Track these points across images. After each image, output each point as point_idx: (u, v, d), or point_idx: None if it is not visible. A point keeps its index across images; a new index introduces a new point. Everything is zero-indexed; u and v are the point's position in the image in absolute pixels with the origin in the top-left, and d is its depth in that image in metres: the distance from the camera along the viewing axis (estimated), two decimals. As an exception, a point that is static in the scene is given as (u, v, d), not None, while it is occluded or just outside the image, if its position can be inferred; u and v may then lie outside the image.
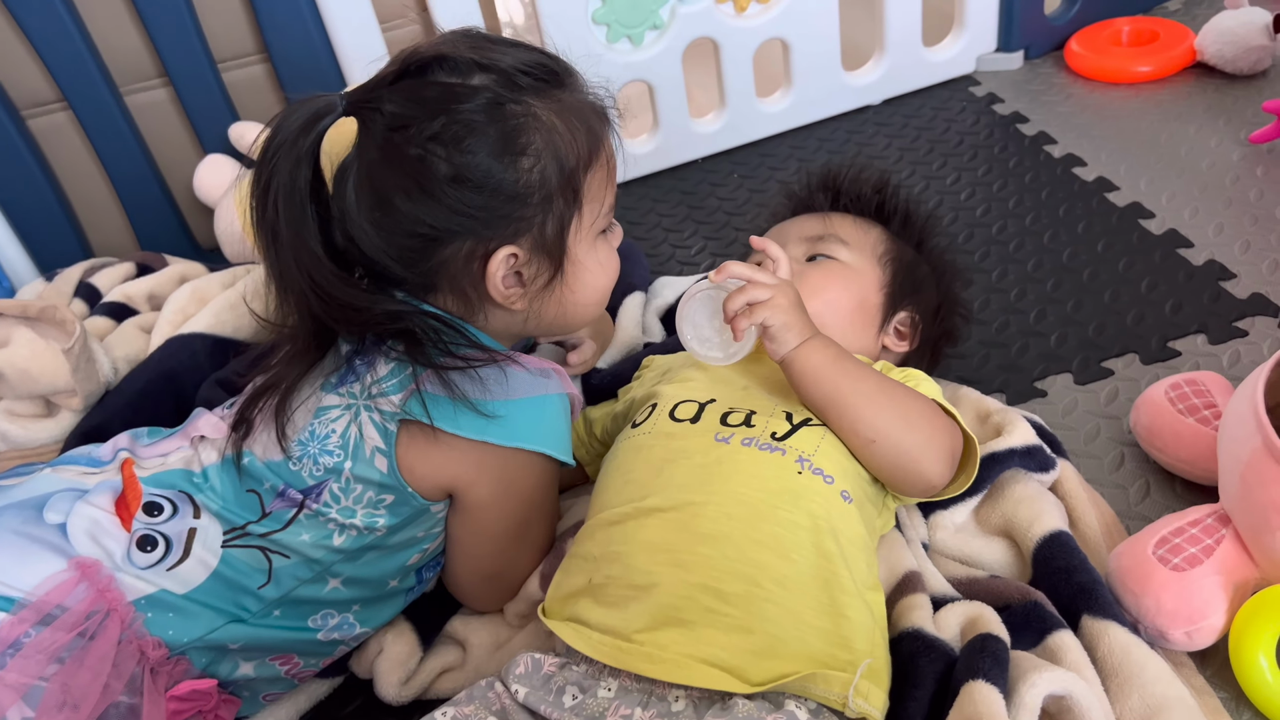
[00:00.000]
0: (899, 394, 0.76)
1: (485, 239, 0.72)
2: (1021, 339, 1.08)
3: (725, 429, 0.76)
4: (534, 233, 0.72)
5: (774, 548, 0.69)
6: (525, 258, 0.73)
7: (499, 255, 0.72)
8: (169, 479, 0.76)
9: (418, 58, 0.72)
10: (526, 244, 0.73)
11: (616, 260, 0.80)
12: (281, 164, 0.70)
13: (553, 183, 0.72)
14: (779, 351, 0.76)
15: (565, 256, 0.74)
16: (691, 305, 0.78)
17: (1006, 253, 1.21)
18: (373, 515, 0.74)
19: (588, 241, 0.76)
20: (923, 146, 1.44)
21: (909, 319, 0.92)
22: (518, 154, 0.70)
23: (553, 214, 0.73)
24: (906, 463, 0.75)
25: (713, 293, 0.77)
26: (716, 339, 0.78)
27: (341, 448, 0.73)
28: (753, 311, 0.75)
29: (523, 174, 0.71)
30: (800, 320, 0.76)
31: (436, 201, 0.70)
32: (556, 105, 0.72)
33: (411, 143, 0.69)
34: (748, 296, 0.75)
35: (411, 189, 0.70)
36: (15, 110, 1.25)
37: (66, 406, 0.98)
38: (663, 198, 1.44)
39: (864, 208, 0.96)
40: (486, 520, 0.78)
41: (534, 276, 0.74)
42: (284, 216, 0.70)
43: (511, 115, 0.70)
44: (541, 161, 0.71)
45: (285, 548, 0.74)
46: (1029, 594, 0.76)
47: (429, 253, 0.72)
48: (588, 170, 0.74)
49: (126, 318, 1.10)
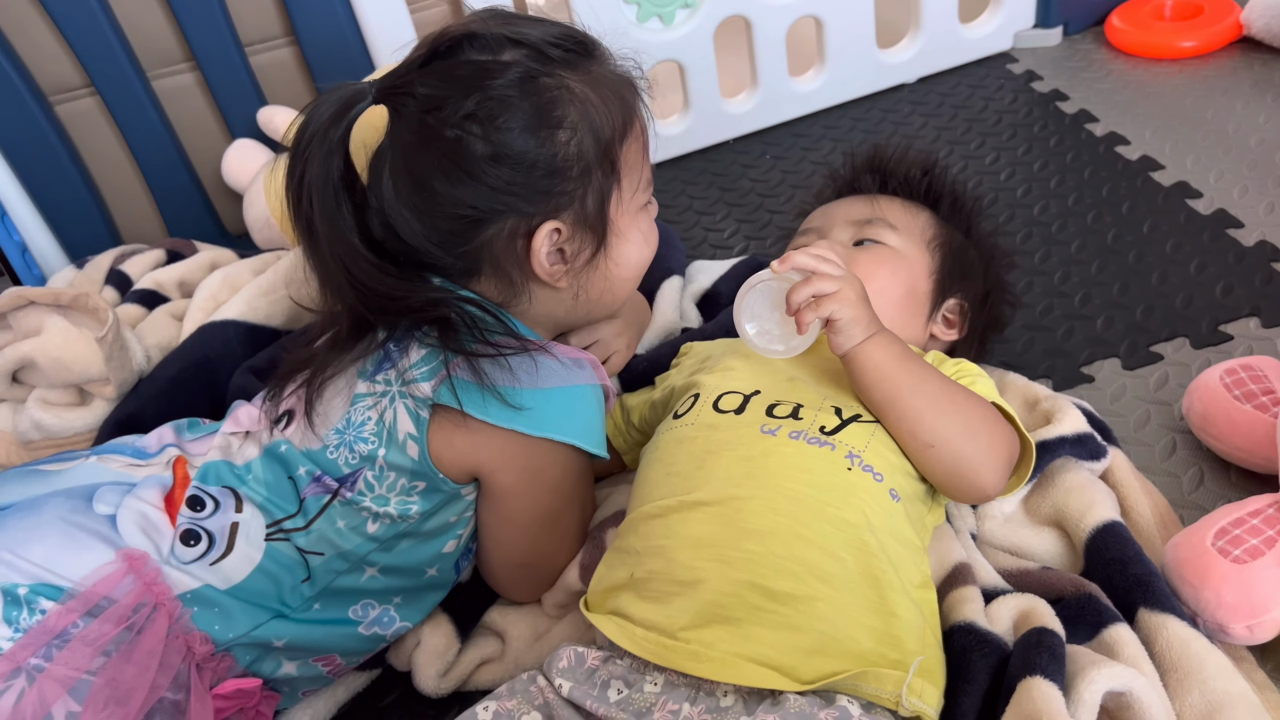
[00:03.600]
0: (961, 397, 0.74)
1: (528, 216, 0.71)
2: (1067, 323, 1.06)
3: (771, 421, 0.74)
4: (575, 207, 0.72)
5: (822, 545, 0.67)
6: (568, 233, 0.73)
7: (542, 231, 0.72)
8: (213, 472, 0.76)
9: (447, 38, 0.72)
10: (569, 219, 0.72)
11: (656, 233, 0.80)
12: (314, 156, 0.69)
13: (590, 155, 0.72)
14: (843, 346, 0.73)
15: (608, 229, 0.74)
16: (751, 296, 0.76)
17: (1049, 234, 1.18)
18: (406, 503, 0.73)
19: (629, 214, 0.76)
20: (960, 125, 1.41)
21: (958, 306, 0.89)
22: (554, 127, 0.70)
23: (592, 187, 0.73)
24: (964, 470, 0.73)
25: (775, 284, 0.75)
26: (778, 331, 0.75)
27: (376, 435, 0.72)
28: (819, 304, 0.72)
29: (560, 147, 0.71)
30: (867, 314, 0.73)
31: (477, 181, 0.70)
32: (588, 77, 0.72)
33: (446, 124, 0.69)
34: (814, 289, 0.72)
35: (450, 170, 0.69)
36: (43, 96, 1.24)
37: (100, 395, 0.97)
38: (694, 180, 1.42)
39: (912, 190, 0.93)
40: (513, 508, 0.77)
41: (577, 252, 0.74)
42: (319, 209, 0.69)
43: (545, 89, 0.70)
44: (578, 134, 0.71)
45: (321, 540, 0.74)
46: (1083, 586, 0.74)
47: (471, 235, 0.71)
48: (623, 141, 0.74)
49: (158, 305, 1.09)
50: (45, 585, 0.69)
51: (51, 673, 0.67)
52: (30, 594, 0.69)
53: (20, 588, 0.69)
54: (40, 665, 0.67)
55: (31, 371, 0.97)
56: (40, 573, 0.69)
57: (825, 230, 0.90)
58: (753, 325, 0.76)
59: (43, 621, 0.68)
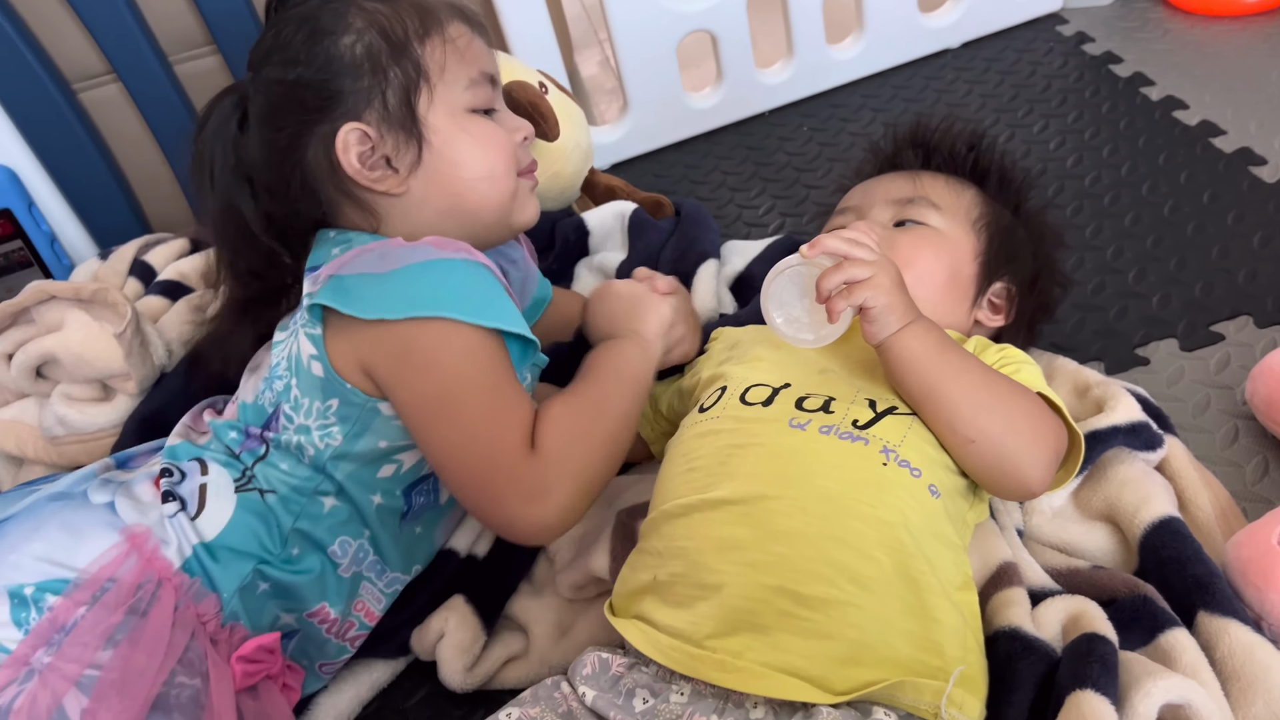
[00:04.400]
0: (1004, 389, 0.70)
1: (330, 120, 0.75)
2: (1120, 301, 1.00)
3: (801, 414, 0.70)
4: (378, 105, 0.75)
5: (855, 546, 0.64)
6: (378, 134, 0.76)
7: (343, 131, 0.75)
8: (182, 450, 0.79)
9: None
10: (373, 119, 0.76)
11: (500, 139, 0.80)
12: (206, 150, 0.79)
13: (383, 53, 0.75)
14: (878, 335, 0.69)
15: (421, 127, 0.76)
16: (779, 282, 0.72)
17: (1101, 207, 1.12)
18: (326, 426, 0.74)
19: (447, 114, 0.77)
20: (1006, 92, 1.34)
21: (1004, 290, 0.85)
22: (338, 34, 0.76)
23: (391, 84, 0.76)
24: (1007, 466, 0.68)
25: (804, 269, 0.71)
26: (807, 319, 0.71)
27: (287, 369, 0.76)
28: (851, 291, 0.68)
29: (345, 49, 0.75)
30: (903, 302, 0.69)
31: (279, 101, 0.77)
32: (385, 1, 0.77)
33: (258, 70, 0.78)
34: (845, 275, 0.68)
35: (263, 105, 0.77)
36: (67, 84, 1.23)
37: (122, 390, 0.96)
38: (727, 154, 1.37)
39: (958, 166, 0.88)
40: (401, 407, 0.73)
41: (399, 154, 0.76)
42: (218, 193, 0.79)
43: (329, 11, 0.77)
44: (365, 37, 0.76)
45: (271, 480, 0.76)
46: (1137, 587, 0.70)
47: (294, 162, 0.77)
48: (424, 40, 0.77)
49: (181, 296, 1.08)
50: (51, 581, 0.69)
51: (58, 667, 0.66)
52: (36, 592, 0.69)
53: (26, 587, 0.69)
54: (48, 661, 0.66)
55: (54, 367, 0.96)
56: (46, 568, 0.69)
57: (864, 209, 0.86)
58: (780, 313, 0.72)
59: (48, 616, 0.68)
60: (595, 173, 1.18)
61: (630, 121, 1.38)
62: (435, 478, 0.80)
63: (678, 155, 1.39)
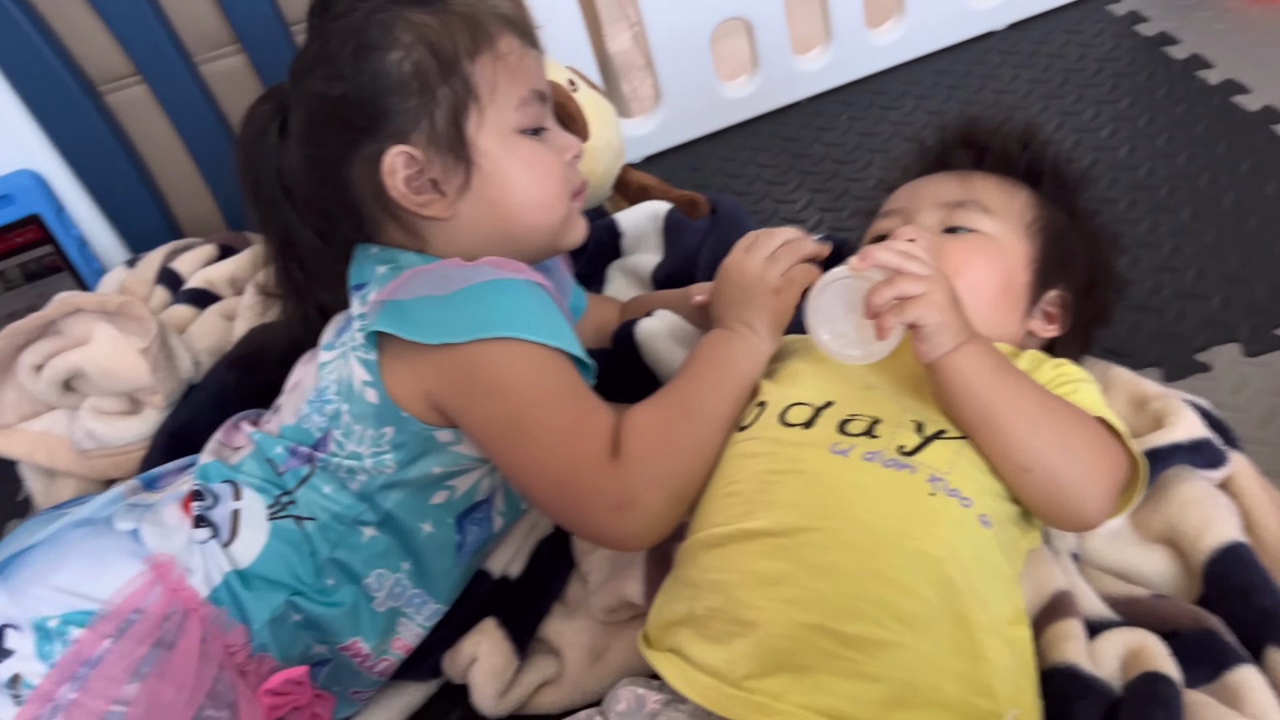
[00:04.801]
0: (1063, 415, 0.66)
1: (376, 140, 0.73)
2: (1178, 303, 0.96)
3: (843, 439, 0.67)
4: (425, 126, 0.73)
5: (901, 582, 0.61)
6: (425, 157, 0.73)
7: (389, 154, 0.72)
8: (213, 470, 0.76)
9: (312, 4, 0.77)
10: (421, 141, 0.73)
11: (551, 163, 0.77)
12: (246, 158, 0.78)
13: (431, 71, 0.72)
14: (929, 355, 0.66)
15: (470, 150, 0.73)
16: (826, 296, 0.68)
17: (1156, 200, 1.07)
18: (379, 454, 0.72)
19: (497, 135, 0.74)
20: (1055, 77, 1.29)
21: (1059, 299, 0.80)
22: (385, 49, 0.72)
23: (440, 104, 0.72)
24: (1064, 498, 0.65)
25: (852, 282, 0.67)
26: (854, 335, 0.68)
27: (338, 393, 0.73)
28: (904, 308, 0.65)
29: (392, 66, 0.72)
30: (958, 320, 0.66)
31: (321, 118, 0.74)
32: (434, 10, 0.74)
33: (302, 82, 0.75)
34: (897, 290, 0.65)
35: (304, 119, 0.75)
36: (92, 86, 1.21)
37: (150, 404, 0.95)
38: (763, 145, 1.33)
39: (1011, 167, 0.84)
40: (475, 432, 0.71)
41: (447, 178, 0.73)
42: (262, 202, 0.78)
43: (376, 23, 0.73)
44: (413, 53, 0.72)
45: (311, 506, 0.73)
46: (1201, 619, 0.67)
47: (336, 181, 0.75)
48: (474, 58, 0.73)
49: (210, 304, 1.06)
50: (76, 613, 0.68)
51: (83, 703, 0.65)
52: (61, 624, 0.68)
53: (51, 620, 0.68)
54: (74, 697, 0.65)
55: (82, 380, 0.95)
56: (70, 600, 0.68)
57: (911, 212, 0.82)
58: (827, 328, 0.69)
59: (73, 650, 0.67)
60: (628, 170, 1.15)
61: (663, 113, 1.34)
62: (488, 504, 0.78)
63: (712, 147, 1.35)
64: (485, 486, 0.77)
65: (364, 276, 0.75)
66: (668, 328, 0.90)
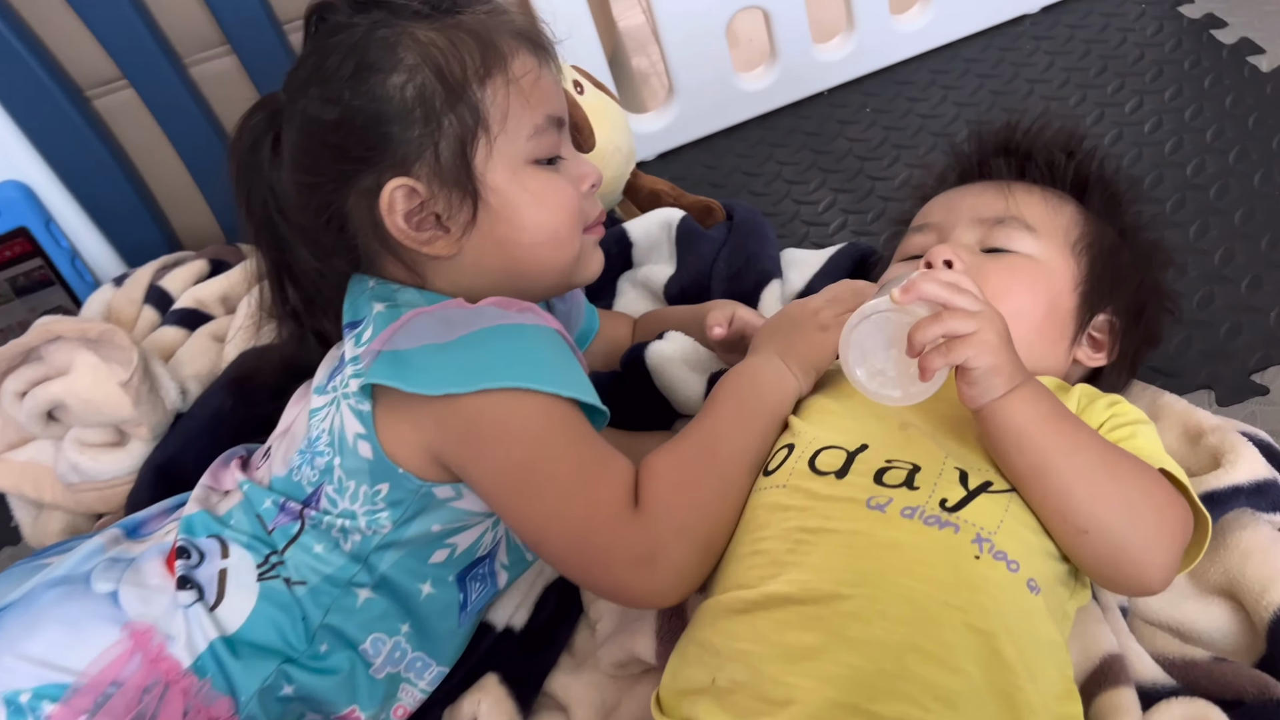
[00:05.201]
0: (1124, 469, 0.60)
1: (375, 171, 0.67)
2: (1231, 316, 0.89)
3: (880, 491, 0.61)
4: (429, 158, 0.67)
5: (942, 658, 0.55)
6: (428, 191, 0.67)
7: (389, 188, 0.67)
8: (199, 523, 0.71)
9: (307, 16, 0.71)
10: (424, 173, 0.67)
11: (566, 196, 0.71)
12: (243, 178, 0.72)
13: (437, 97, 0.66)
14: (977, 400, 0.60)
15: (477, 183, 0.67)
16: (863, 329, 0.61)
17: (1206, 201, 1.00)
18: (373, 513, 0.67)
19: (508, 168, 0.69)
20: (1093, 65, 1.21)
21: (1107, 324, 0.74)
22: (386, 71, 0.67)
23: (445, 134, 0.67)
24: (1124, 562, 0.59)
25: (894, 316, 0.60)
26: (893, 373, 0.61)
27: (330, 445, 0.67)
28: (951, 348, 0.58)
29: (394, 91, 0.66)
30: (1010, 362, 0.59)
31: (315, 144, 0.68)
32: (441, 26, 0.69)
33: (296, 100, 0.69)
34: (945, 328, 0.58)
35: (298, 141, 0.69)
36: (78, 91, 1.16)
37: (135, 435, 0.90)
38: (782, 141, 1.26)
39: (1056, 177, 0.77)
40: (482, 487, 0.66)
41: (452, 214, 0.68)
42: (259, 225, 0.73)
43: (378, 40, 0.67)
44: (417, 77, 0.67)
45: (302, 568, 0.68)
46: (1268, 687, 0.61)
47: (330, 212, 0.69)
48: (484, 82, 0.67)
49: (200, 325, 1.01)
50: (49, 685, 0.63)
51: None
52: (33, 699, 0.63)
53: (23, 694, 0.63)
54: None
55: (64, 411, 0.91)
56: (43, 671, 0.64)
57: (947, 228, 0.75)
58: (863, 366, 0.62)
59: None
60: (638, 175, 1.09)
61: (676, 108, 1.28)
62: (491, 559, 0.73)
63: (728, 143, 1.28)
64: (487, 541, 0.72)
65: (358, 313, 0.70)
66: (680, 351, 0.85)
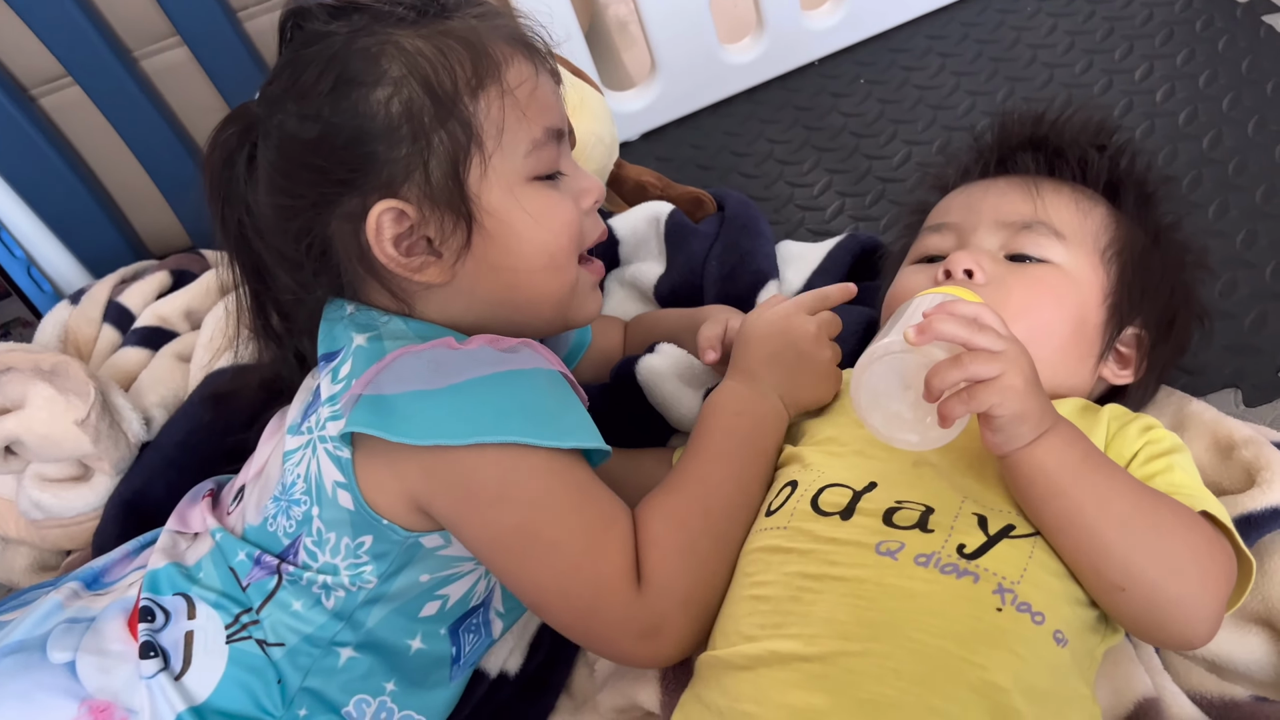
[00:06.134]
0: (1162, 516, 0.55)
1: (359, 193, 0.62)
2: (1256, 304, 0.83)
3: (891, 534, 0.57)
4: (418, 178, 0.62)
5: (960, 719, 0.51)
6: (418, 214, 0.62)
7: (375, 211, 0.62)
8: (164, 578, 0.66)
9: (281, 23, 0.66)
10: (413, 194, 0.62)
11: (566, 214, 0.66)
12: (216, 194, 0.67)
13: (426, 112, 0.61)
14: (1003, 447, 0.55)
15: (471, 205, 0.62)
16: (875, 371, 0.56)
17: (1224, 177, 0.94)
18: (357, 567, 0.63)
19: (504, 188, 0.63)
20: (1098, 27, 1.14)
21: (1135, 339, 0.69)
22: (369, 85, 0.61)
23: (435, 152, 0.62)
24: (1166, 619, 0.54)
25: (909, 358, 0.55)
26: (910, 416, 0.56)
27: (307, 493, 0.63)
28: (973, 394, 0.53)
29: (378, 106, 0.61)
30: (1038, 406, 0.54)
31: (292, 164, 0.63)
32: (429, 32, 0.63)
33: (272, 115, 0.64)
34: (965, 373, 0.53)
35: (274, 161, 0.64)
36: (22, 90, 1.09)
37: (98, 469, 0.85)
38: (772, 117, 1.20)
39: (1089, 177, 0.71)
40: (475, 544, 0.62)
41: (444, 237, 0.63)
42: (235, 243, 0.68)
43: (359, 50, 0.62)
44: (403, 90, 0.61)
45: (280, 629, 0.64)
46: (1314, 731, 0.57)
47: (311, 237, 0.64)
48: (477, 95, 0.62)
49: (163, 343, 0.95)
50: None
51: None
52: None
53: None
54: None
55: (22, 446, 0.85)
56: None
57: (967, 231, 0.70)
58: (877, 410, 0.57)
59: None
60: (623, 165, 1.03)
61: (659, 84, 1.21)
62: (485, 608, 0.69)
63: (716, 120, 1.22)
64: (481, 589, 0.68)
65: (335, 343, 0.65)
66: (673, 366, 0.80)
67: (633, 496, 0.70)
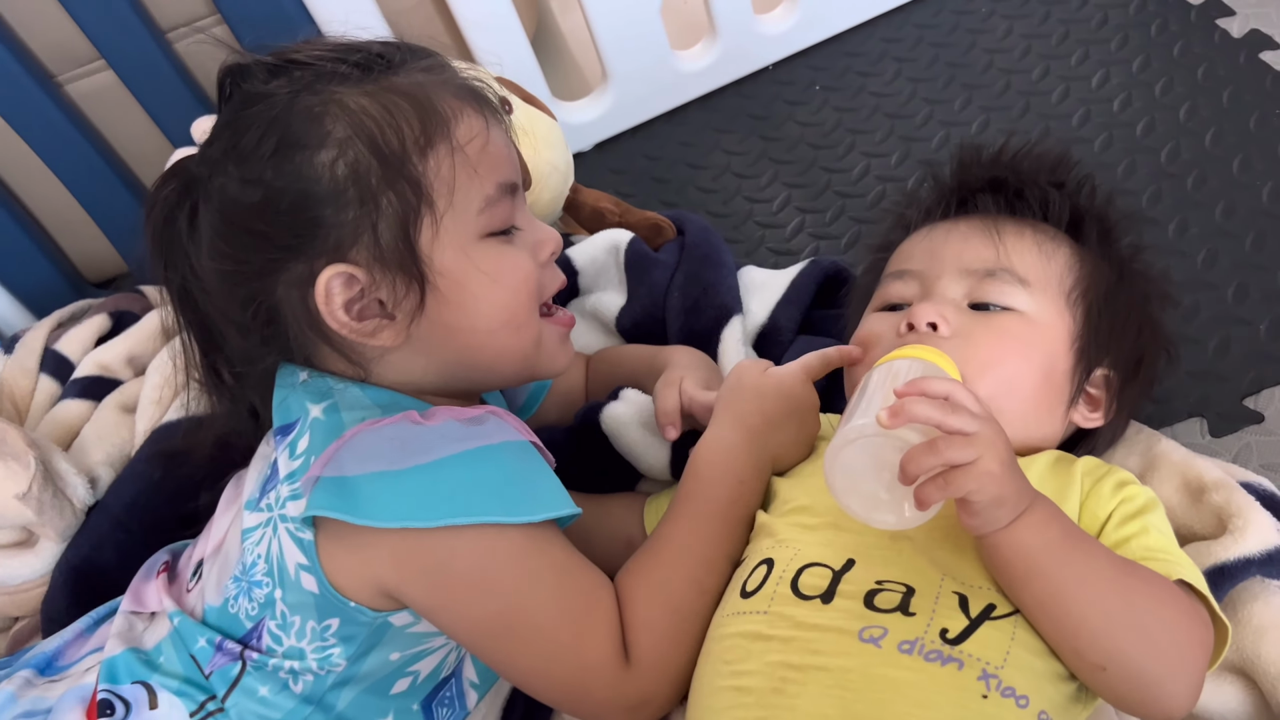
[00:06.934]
0: (1139, 592, 0.54)
1: (306, 259, 0.60)
2: (1219, 329, 0.83)
3: (873, 618, 0.56)
4: (367, 241, 0.60)
5: (947, 815, 0.51)
6: (369, 277, 0.60)
7: (324, 277, 0.60)
8: (122, 666, 0.63)
9: (219, 80, 0.64)
10: (363, 257, 0.60)
11: (523, 270, 0.64)
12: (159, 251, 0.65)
13: (373, 174, 0.59)
14: (980, 530, 0.54)
15: (424, 266, 0.60)
16: (849, 454, 0.55)
17: (1183, 192, 0.94)
18: (324, 650, 0.61)
19: (457, 247, 0.62)
20: (1054, 30, 1.13)
21: (1103, 380, 0.68)
22: (312, 148, 0.60)
23: (384, 214, 0.60)
24: (1146, 696, 0.54)
25: (882, 441, 0.54)
26: (886, 497, 0.55)
27: (269, 575, 0.61)
28: (950, 479, 0.52)
29: (322, 170, 0.59)
30: (1016, 489, 0.53)
31: (235, 230, 0.61)
32: (375, 89, 0.61)
33: (213, 177, 0.62)
34: (942, 458, 0.51)
35: (216, 225, 0.62)
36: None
37: (43, 535, 0.81)
38: (728, 126, 1.17)
39: (1050, 215, 0.70)
40: (453, 629, 0.61)
41: (397, 300, 0.61)
42: (181, 301, 0.66)
43: (302, 110, 0.60)
44: (349, 152, 0.60)
45: (246, 717, 0.61)
46: (1291, 787, 0.57)
47: (258, 304, 0.62)
48: (426, 153, 0.60)
49: (105, 393, 0.91)
50: None
51: None
52: None
53: None
54: None
55: (-40, 516, 0.81)
56: None
57: (930, 279, 0.68)
58: (853, 494, 0.56)
59: None
60: (579, 190, 1.00)
61: (612, 94, 1.18)
62: (457, 679, 0.68)
63: (670, 129, 1.19)
64: (451, 660, 0.66)
65: (290, 414, 0.62)
66: (637, 414, 0.78)
67: (604, 547, 0.69)
